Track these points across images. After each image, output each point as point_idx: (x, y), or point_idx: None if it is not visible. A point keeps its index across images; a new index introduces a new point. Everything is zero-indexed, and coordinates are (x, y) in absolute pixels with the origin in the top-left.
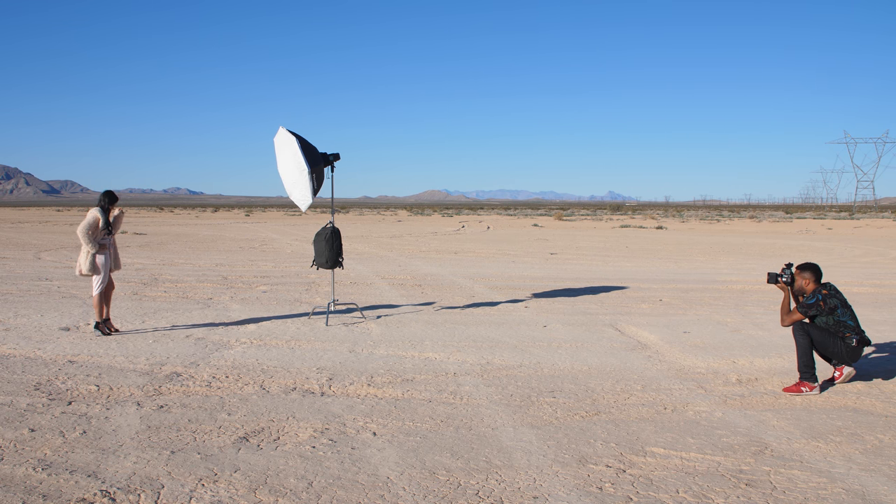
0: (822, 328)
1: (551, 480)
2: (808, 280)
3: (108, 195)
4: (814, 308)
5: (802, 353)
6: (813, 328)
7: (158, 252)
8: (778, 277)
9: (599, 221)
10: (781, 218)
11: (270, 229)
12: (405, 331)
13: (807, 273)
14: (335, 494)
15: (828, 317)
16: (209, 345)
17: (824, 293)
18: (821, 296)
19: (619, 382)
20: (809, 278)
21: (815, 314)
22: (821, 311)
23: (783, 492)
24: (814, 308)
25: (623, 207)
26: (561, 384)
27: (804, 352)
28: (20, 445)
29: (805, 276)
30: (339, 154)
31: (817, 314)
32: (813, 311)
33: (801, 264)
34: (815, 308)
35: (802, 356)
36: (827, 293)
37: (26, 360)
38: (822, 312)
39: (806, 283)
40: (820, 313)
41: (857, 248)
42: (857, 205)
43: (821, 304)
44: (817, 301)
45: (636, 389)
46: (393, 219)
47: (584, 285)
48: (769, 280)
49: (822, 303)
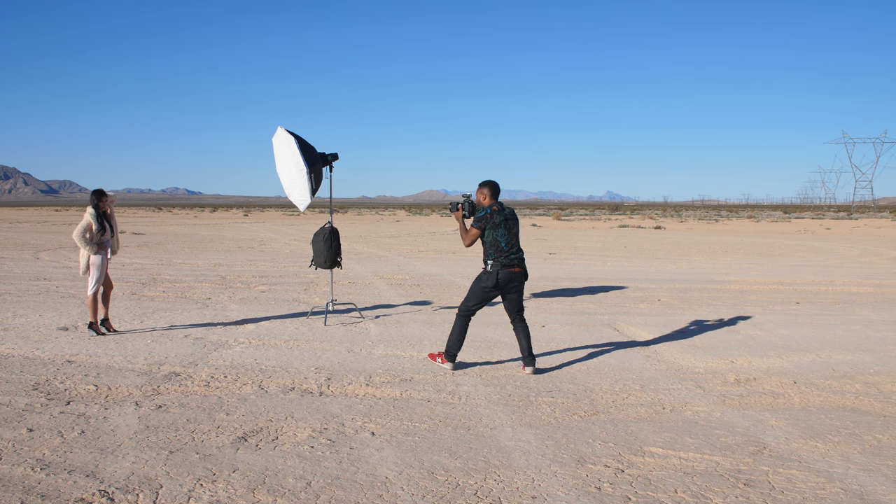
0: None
1: (550, 480)
2: (485, 195)
3: (95, 194)
4: (484, 220)
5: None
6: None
7: (157, 252)
8: (458, 205)
9: (598, 221)
10: (780, 218)
11: (269, 229)
12: (404, 330)
13: (485, 188)
14: (333, 494)
15: (491, 231)
16: (207, 345)
17: (494, 209)
18: (490, 210)
19: (617, 382)
20: (486, 193)
21: (484, 226)
22: (488, 223)
23: (781, 492)
24: (484, 220)
25: (621, 207)
26: (559, 384)
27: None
28: (18, 445)
29: (483, 191)
30: (337, 154)
31: (485, 227)
32: (483, 222)
33: (483, 181)
34: (485, 220)
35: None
36: (496, 209)
37: (25, 360)
38: (489, 225)
39: (483, 197)
40: (487, 225)
41: (855, 248)
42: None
43: (488, 216)
44: (486, 213)
45: (635, 389)
46: (391, 219)
47: (582, 285)
48: (451, 209)
49: (489, 215)
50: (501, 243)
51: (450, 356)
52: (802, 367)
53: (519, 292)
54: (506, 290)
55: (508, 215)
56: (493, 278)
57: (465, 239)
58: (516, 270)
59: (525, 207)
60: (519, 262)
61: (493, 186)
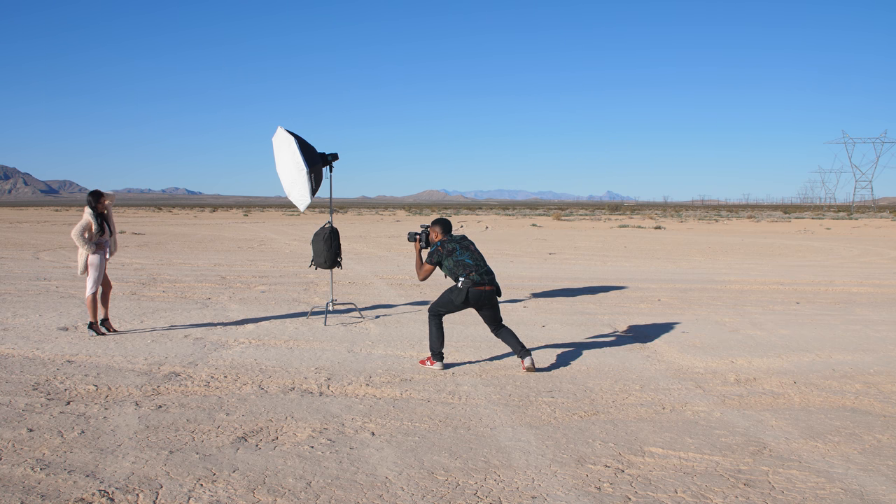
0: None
1: (549, 480)
2: (437, 232)
3: (93, 195)
4: (435, 255)
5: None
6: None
7: (157, 252)
8: (416, 236)
9: (598, 221)
10: (780, 218)
11: (269, 229)
12: (403, 330)
13: (437, 227)
14: (333, 494)
15: (448, 259)
16: (207, 345)
17: (443, 240)
18: (439, 242)
19: (617, 382)
20: (438, 230)
21: (438, 260)
22: (441, 255)
23: (781, 492)
24: (435, 255)
25: (621, 207)
26: (559, 384)
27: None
28: (18, 445)
29: (435, 228)
30: (337, 154)
31: (440, 260)
32: (435, 257)
33: (434, 219)
34: (437, 254)
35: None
36: (445, 240)
37: (25, 360)
38: (444, 256)
39: (435, 234)
40: (441, 258)
41: (855, 248)
42: (855, 205)
43: (439, 248)
44: (436, 248)
45: (635, 389)
46: (391, 219)
47: (582, 285)
48: (409, 238)
49: (441, 248)
50: (467, 261)
51: (436, 356)
52: (802, 367)
53: (493, 307)
54: (478, 306)
55: (459, 239)
56: (463, 295)
57: (420, 273)
58: (487, 289)
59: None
60: (490, 280)
61: (445, 223)
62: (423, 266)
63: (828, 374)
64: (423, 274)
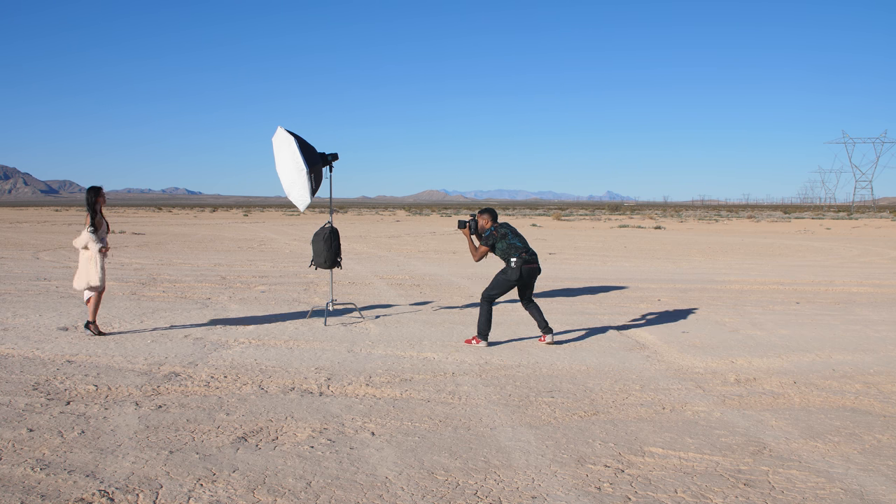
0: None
1: (549, 480)
2: (487, 220)
3: (93, 191)
4: (490, 238)
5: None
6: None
7: (156, 252)
8: (466, 224)
9: (598, 221)
10: (780, 218)
11: (269, 229)
12: (403, 330)
13: (486, 215)
14: (333, 494)
15: (502, 241)
16: (207, 345)
17: (496, 225)
18: (492, 227)
19: (617, 382)
20: (487, 218)
21: (493, 242)
22: (496, 238)
23: (781, 492)
24: (490, 238)
25: (621, 207)
26: (559, 384)
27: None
28: (18, 445)
29: (484, 216)
30: (337, 154)
31: (494, 242)
32: (491, 240)
33: (482, 209)
34: (492, 237)
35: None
36: (497, 225)
37: (24, 360)
38: (497, 239)
39: (485, 222)
40: (496, 241)
41: (855, 248)
42: (855, 205)
43: (494, 232)
44: (490, 232)
45: (635, 389)
46: (391, 219)
47: (582, 285)
48: (459, 226)
49: (495, 231)
50: (517, 244)
51: (483, 336)
52: (802, 367)
53: (533, 285)
54: (527, 282)
55: (507, 225)
56: (517, 273)
57: (476, 255)
58: (536, 266)
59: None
60: (535, 259)
61: (492, 212)
62: (478, 249)
63: (828, 374)
64: (478, 255)
